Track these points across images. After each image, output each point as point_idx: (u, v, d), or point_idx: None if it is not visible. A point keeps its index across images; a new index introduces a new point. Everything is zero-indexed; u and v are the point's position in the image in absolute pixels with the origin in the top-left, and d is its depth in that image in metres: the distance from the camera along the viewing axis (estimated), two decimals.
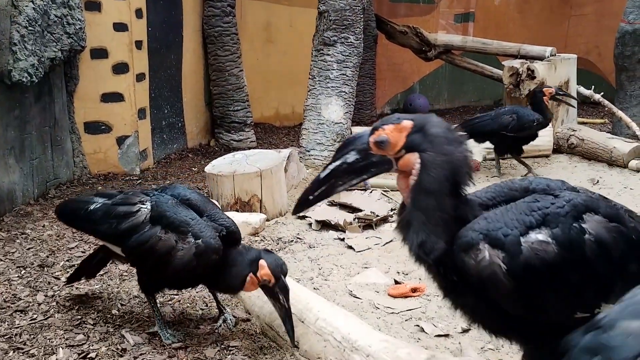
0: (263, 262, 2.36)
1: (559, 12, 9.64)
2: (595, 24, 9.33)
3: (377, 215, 4.08)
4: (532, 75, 6.18)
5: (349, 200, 4.33)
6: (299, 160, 5.17)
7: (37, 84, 4.22)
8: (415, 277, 3.19)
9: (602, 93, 6.22)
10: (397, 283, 3.14)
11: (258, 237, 3.81)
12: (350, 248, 3.68)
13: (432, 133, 1.63)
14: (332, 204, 4.34)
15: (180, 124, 6.37)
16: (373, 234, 3.90)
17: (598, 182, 4.96)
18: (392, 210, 4.18)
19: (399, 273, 3.25)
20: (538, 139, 5.31)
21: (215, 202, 3.65)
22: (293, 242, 3.79)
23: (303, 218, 4.16)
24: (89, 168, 5.14)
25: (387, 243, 3.74)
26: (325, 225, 4.03)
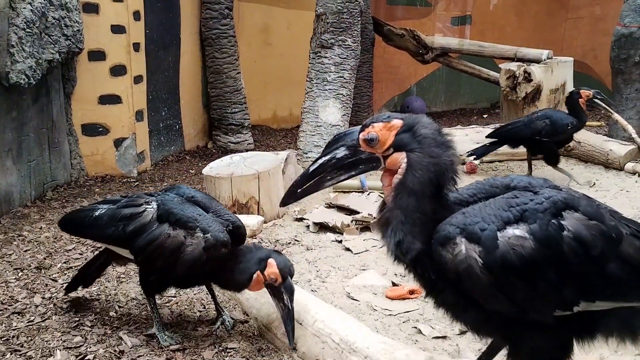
0: (272, 260, 2.39)
1: (556, 15, 9.68)
2: (592, 27, 9.38)
3: (374, 218, 4.08)
4: (528, 78, 6.21)
5: (347, 203, 4.33)
6: (297, 163, 5.17)
7: (34, 86, 4.22)
8: (413, 279, 3.19)
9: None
10: (394, 285, 3.14)
11: (255, 239, 3.81)
12: (348, 250, 3.68)
13: (421, 134, 1.64)
14: (329, 206, 4.34)
15: (178, 126, 6.37)
16: (370, 236, 3.90)
17: (594, 184, 4.97)
18: None
19: (397, 275, 3.26)
20: None
21: None
22: (291, 244, 3.79)
23: (301, 220, 4.17)
24: (87, 170, 5.14)
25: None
26: (323, 228, 4.03)
